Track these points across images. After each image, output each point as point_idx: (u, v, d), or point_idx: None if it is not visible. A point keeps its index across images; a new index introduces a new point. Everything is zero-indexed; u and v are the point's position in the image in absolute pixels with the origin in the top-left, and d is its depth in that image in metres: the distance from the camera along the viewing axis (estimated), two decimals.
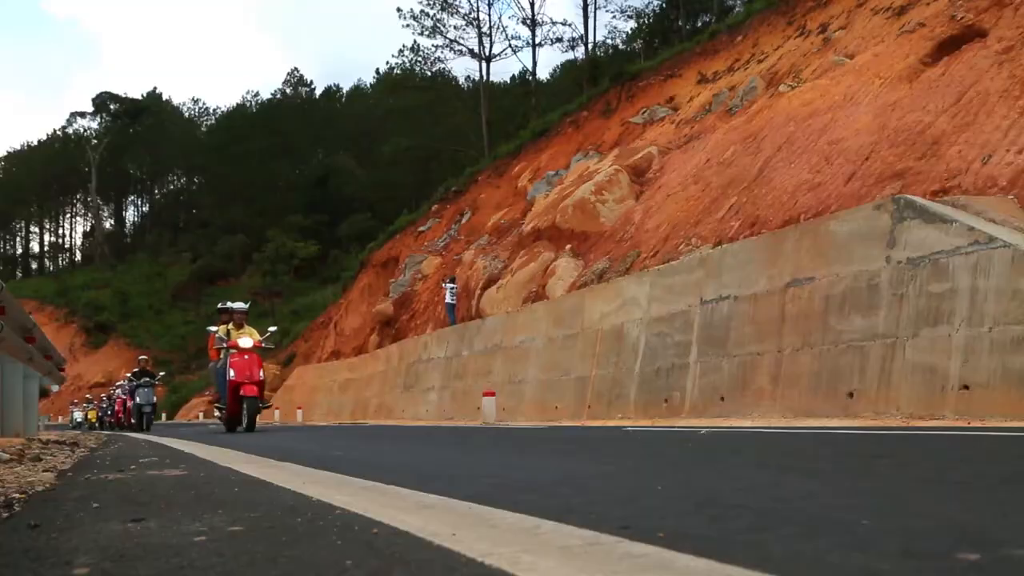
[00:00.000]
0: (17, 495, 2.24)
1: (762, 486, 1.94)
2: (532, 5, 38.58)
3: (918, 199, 5.74)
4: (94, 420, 26.38)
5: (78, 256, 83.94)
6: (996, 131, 7.60)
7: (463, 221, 26.18)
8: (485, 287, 18.20)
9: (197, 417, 32.44)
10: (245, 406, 9.59)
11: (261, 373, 9.86)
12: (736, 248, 7.75)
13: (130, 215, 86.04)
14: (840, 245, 6.09)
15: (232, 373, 9.65)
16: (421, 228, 29.26)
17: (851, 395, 5.67)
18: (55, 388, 19.61)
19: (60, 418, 44.34)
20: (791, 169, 10.65)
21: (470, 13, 38.89)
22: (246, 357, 9.74)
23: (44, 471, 3.27)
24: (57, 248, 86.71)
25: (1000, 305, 4.71)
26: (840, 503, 1.56)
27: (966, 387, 4.81)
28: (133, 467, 3.34)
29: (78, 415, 30.65)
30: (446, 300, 19.48)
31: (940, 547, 1.04)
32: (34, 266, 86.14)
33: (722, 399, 7.10)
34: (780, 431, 4.56)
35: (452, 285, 19.59)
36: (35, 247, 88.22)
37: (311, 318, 37.45)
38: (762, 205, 10.59)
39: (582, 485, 2.07)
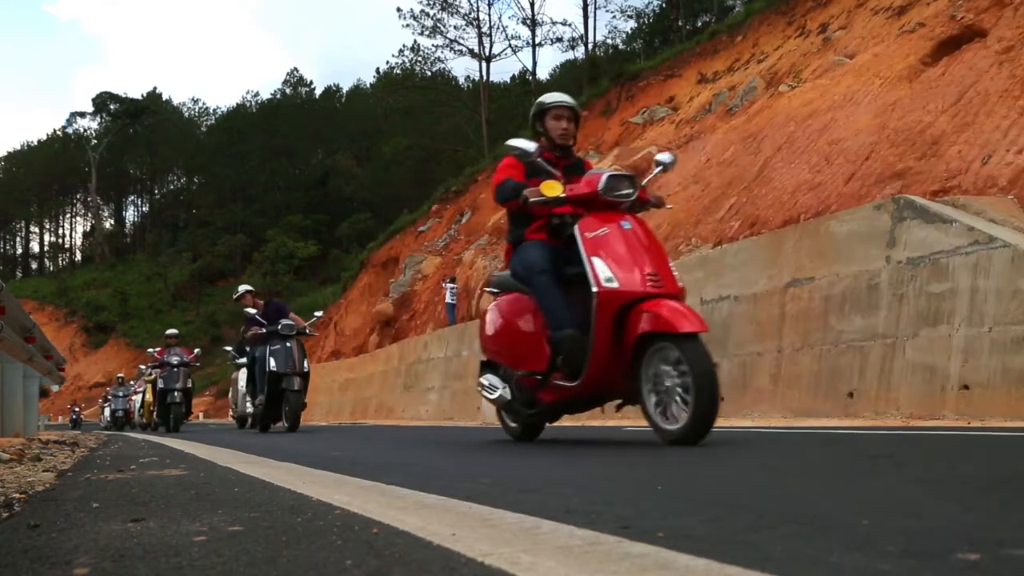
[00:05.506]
0: (17, 495, 2.24)
1: (762, 486, 1.94)
2: (532, 5, 38.67)
3: (918, 199, 5.74)
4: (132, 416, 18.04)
5: (78, 256, 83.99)
6: (996, 131, 7.60)
7: (463, 221, 26.18)
8: (485, 287, 18.19)
9: (197, 417, 32.42)
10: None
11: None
12: (736, 248, 7.75)
13: (130, 215, 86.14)
14: (840, 245, 6.08)
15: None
16: (421, 228, 29.27)
17: (851, 395, 5.67)
18: (55, 388, 19.44)
19: (60, 418, 44.34)
20: (791, 169, 10.65)
21: (470, 13, 38.96)
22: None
23: (44, 471, 3.27)
24: (57, 248, 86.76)
25: (1000, 305, 4.71)
26: (840, 503, 1.56)
27: (966, 387, 4.81)
28: (133, 467, 3.34)
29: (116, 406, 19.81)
30: (446, 300, 19.49)
31: (940, 547, 1.04)
32: (34, 266, 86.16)
33: (722, 399, 7.09)
34: (780, 431, 4.56)
35: (452, 285, 19.60)
36: (35, 247, 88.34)
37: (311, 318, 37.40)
38: (762, 205, 10.59)
39: (582, 485, 2.07)
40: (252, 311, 8.72)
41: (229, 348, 14.01)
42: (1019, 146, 7.20)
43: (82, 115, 79.35)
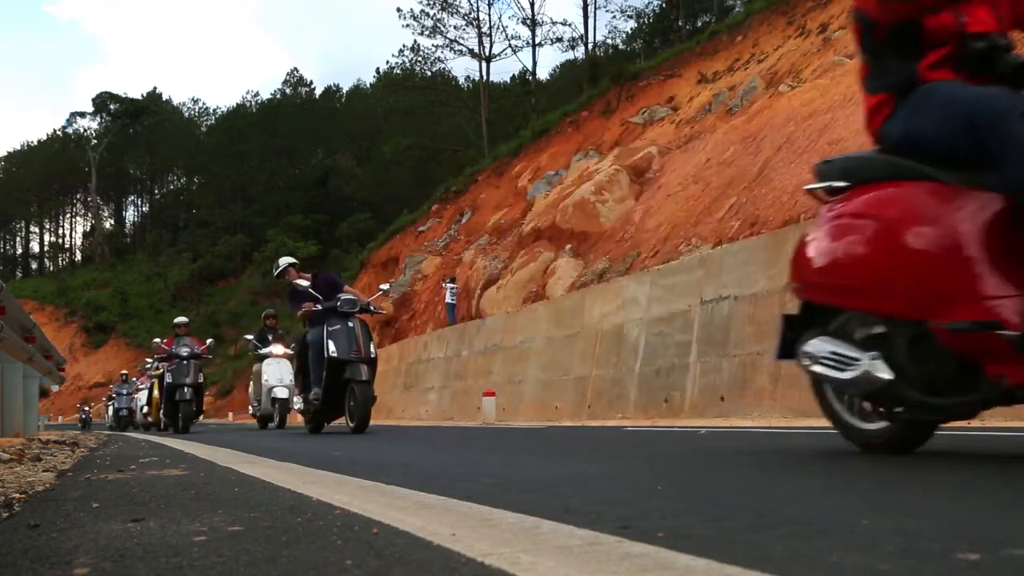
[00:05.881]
0: (17, 495, 2.24)
1: (762, 486, 1.94)
2: (532, 5, 38.68)
3: None
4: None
5: (78, 256, 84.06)
6: None
7: (463, 221, 26.20)
8: (485, 287, 18.21)
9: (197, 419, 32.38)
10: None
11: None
12: (736, 248, 7.76)
13: (130, 215, 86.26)
14: None
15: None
16: (421, 228, 29.29)
17: None
18: (55, 388, 19.36)
19: (60, 418, 44.36)
20: (791, 169, 10.65)
21: (470, 13, 39.02)
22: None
23: (44, 471, 3.27)
24: (57, 248, 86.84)
25: None
26: (840, 503, 1.56)
27: None
28: (133, 467, 3.34)
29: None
30: (446, 300, 19.50)
31: (940, 547, 1.04)
32: (34, 266, 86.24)
33: (722, 399, 7.10)
34: (780, 431, 4.56)
35: (452, 285, 19.61)
36: (35, 247, 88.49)
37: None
38: (762, 205, 10.59)
39: (582, 485, 2.07)
40: (303, 283, 7.16)
41: (250, 337, 12.40)
42: None
43: (82, 115, 79.54)
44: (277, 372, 11.11)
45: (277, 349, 11.48)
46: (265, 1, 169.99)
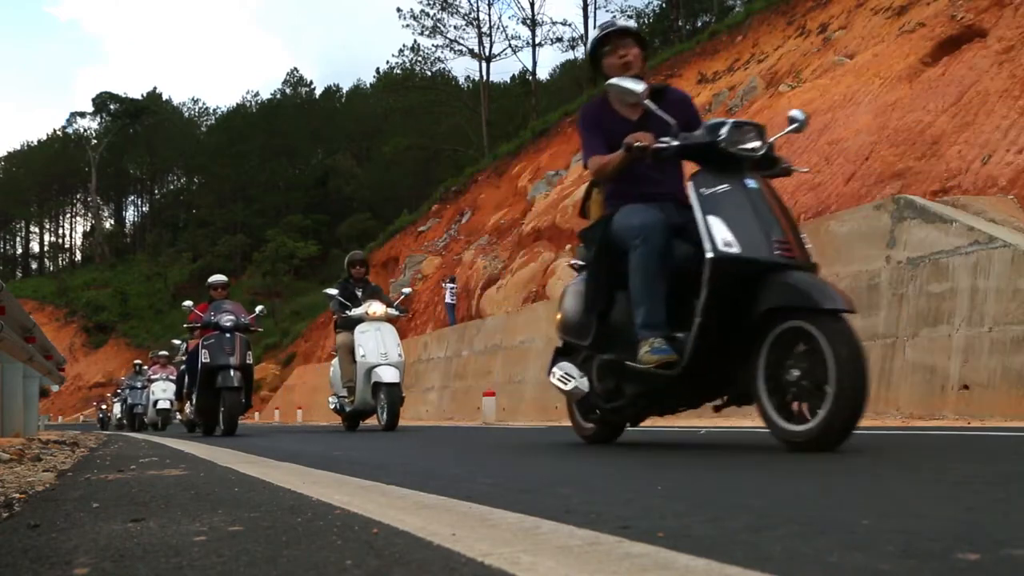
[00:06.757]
0: (17, 495, 2.24)
1: (762, 486, 1.94)
2: (532, 5, 38.71)
3: (918, 199, 5.74)
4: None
5: (78, 256, 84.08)
6: (996, 131, 7.60)
7: (463, 221, 26.20)
8: (485, 287, 18.21)
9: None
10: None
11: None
12: None
13: (130, 215, 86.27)
14: (840, 245, 6.08)
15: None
16: (421, 228, 29.29)
17: None
18: (55, 388, 19.21)
19: (60, 418, 44.36)
20: None
21: (470, 13, 39.02)
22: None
23: (44, 471, 3.27)
24: (57, 248, 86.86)
25: (1000, 305, 4.71)
26: (840, 503, 1.56)
27: (966, 387, 4.81)
28: (133, 467, 3.34)
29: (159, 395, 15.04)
30: (446, 300, 19.50)
31: (940, 547, 1.04)
32: (34, 266, 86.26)
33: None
34: None
35: (452, 285, 19.61)
36: (35, 247, 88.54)
37: (311, 318, 37.45)
38: None
39: (582, 485, 2.07)
40: (639, 87, 3.16)
41: (332, 291, 8.12)
42: (1019, 146, 7.20)
43: (82, 115, 79.53)
44: (378, 343, 7.44)
45: (376, 308, 7.71)
46: (265, 1, 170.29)
